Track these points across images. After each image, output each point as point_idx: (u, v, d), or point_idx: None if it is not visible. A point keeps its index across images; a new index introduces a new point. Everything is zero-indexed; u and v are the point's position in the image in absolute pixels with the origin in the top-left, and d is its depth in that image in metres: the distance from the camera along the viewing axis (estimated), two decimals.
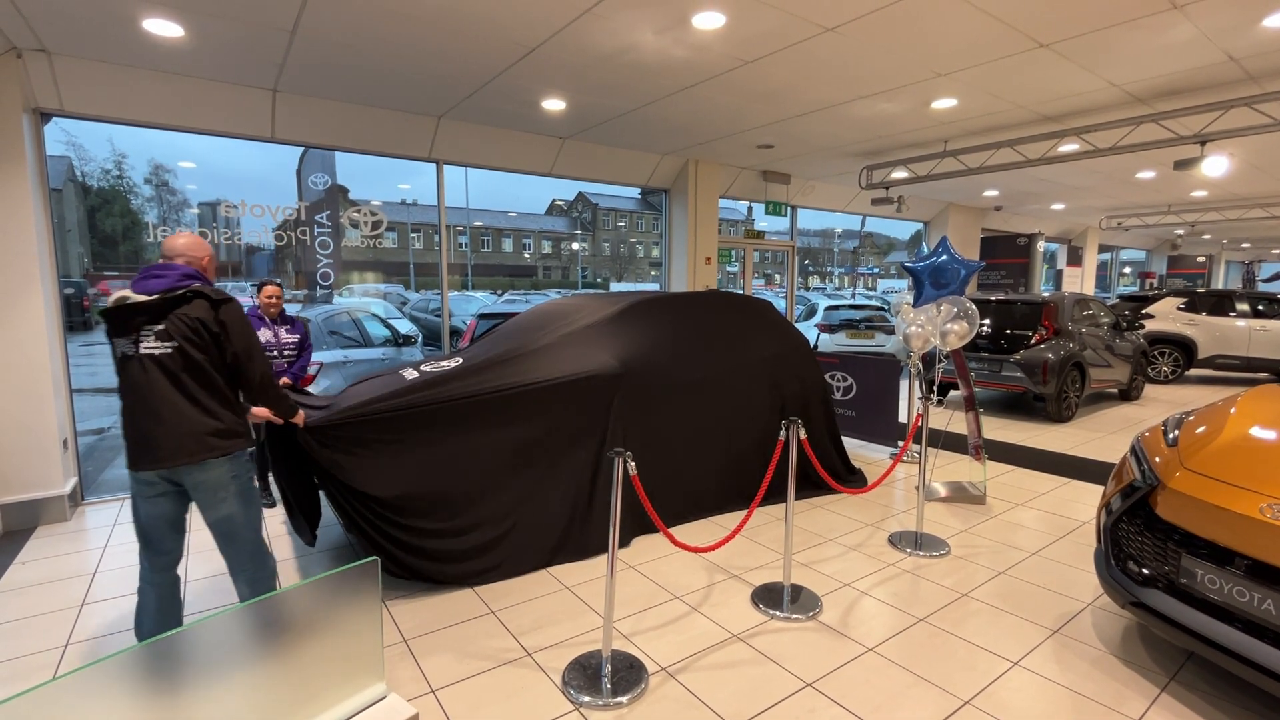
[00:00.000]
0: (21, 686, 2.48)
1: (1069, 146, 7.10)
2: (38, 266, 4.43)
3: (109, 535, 4.04)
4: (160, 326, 2.26)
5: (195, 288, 2.32)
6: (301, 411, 2.79)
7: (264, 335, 4.45)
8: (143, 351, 2.26)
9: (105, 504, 4.69)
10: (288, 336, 4.53)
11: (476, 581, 3.27)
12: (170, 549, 2.45)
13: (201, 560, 3.61)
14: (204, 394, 2.33)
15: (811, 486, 4.68)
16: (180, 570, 2.53)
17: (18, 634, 2.89)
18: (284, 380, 4.29)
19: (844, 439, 6.10)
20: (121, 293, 2.28)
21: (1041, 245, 13.99)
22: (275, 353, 4.45)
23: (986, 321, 7.38)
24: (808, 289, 37.92)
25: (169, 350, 2.27)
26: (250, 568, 2.50)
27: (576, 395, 3.61)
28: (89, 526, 4.21)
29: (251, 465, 2.54)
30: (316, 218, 6.69)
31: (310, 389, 5.07)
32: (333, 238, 6.75)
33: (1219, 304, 9.97)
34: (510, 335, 4.31)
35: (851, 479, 4.81)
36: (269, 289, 4.51)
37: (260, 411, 2.60)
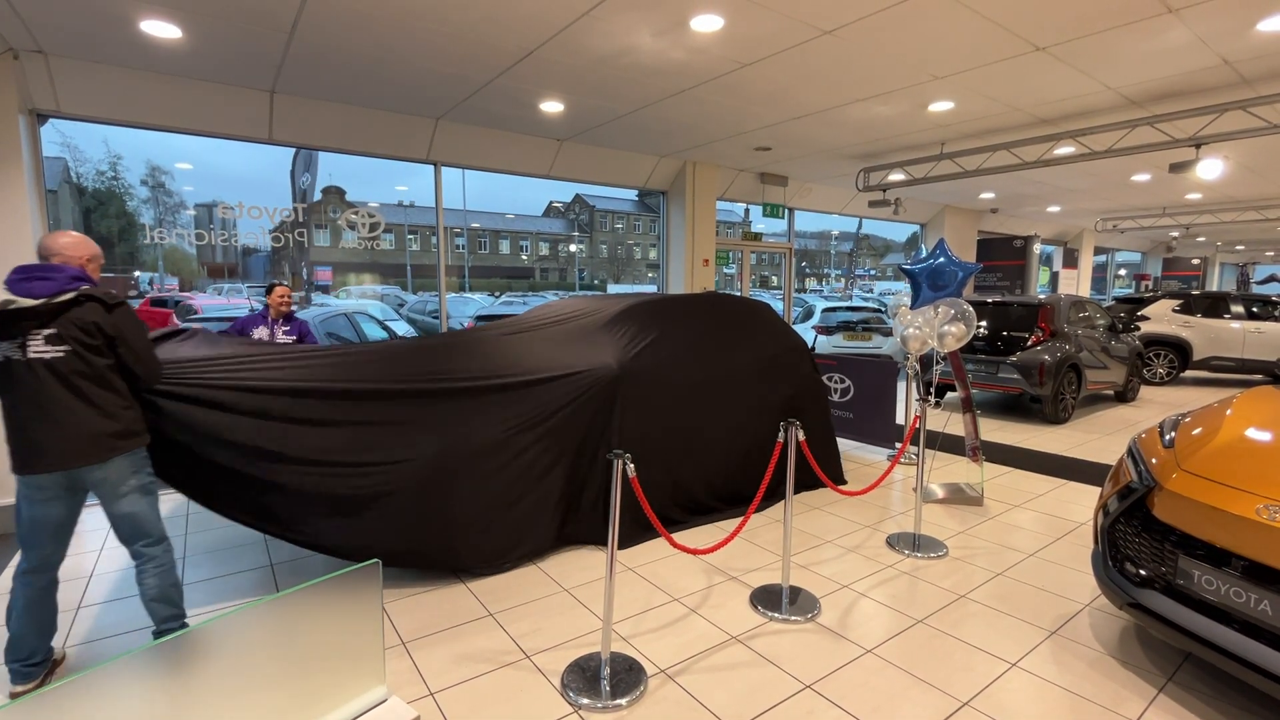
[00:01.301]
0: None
1: (1065, 149, 7.13)
2: None
3: (104, 539, 4.02)
4: (51, 330, 2.24)
5: (85, 290, 2.31)
6: None
7: (260, 333, 4.53)
8: (31, 356, 2.23)
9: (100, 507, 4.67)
10: (284, 337, 4.61)
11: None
12: (50, 552, 2.44)
13: (198, 564, 3.60)
14: (100, 395, 2.33)
15: (807, 485, 4.70)
16: (60, 574, 2.52)
17: None
18: None
19: (841, 440, 6.12)
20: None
21: (1038, 247, 14.05)
22: None
23: (983, 323, 7.40)
24: (805, 291, 37.98)
25: (61, 354, 2.25)
26: (158, 556, 2.54)
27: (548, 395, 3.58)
28: (84, 530, 4.19)
29: (149, 464, 2.57)
30: (305, 218, 6.67)
31: None
32: (310, 235, 6.73)
33: (1214, 306, 10.01)
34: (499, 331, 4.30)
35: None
36: (280, 289, 4.67)
37: None
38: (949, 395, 8.15)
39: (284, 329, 4.65)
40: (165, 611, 2.56)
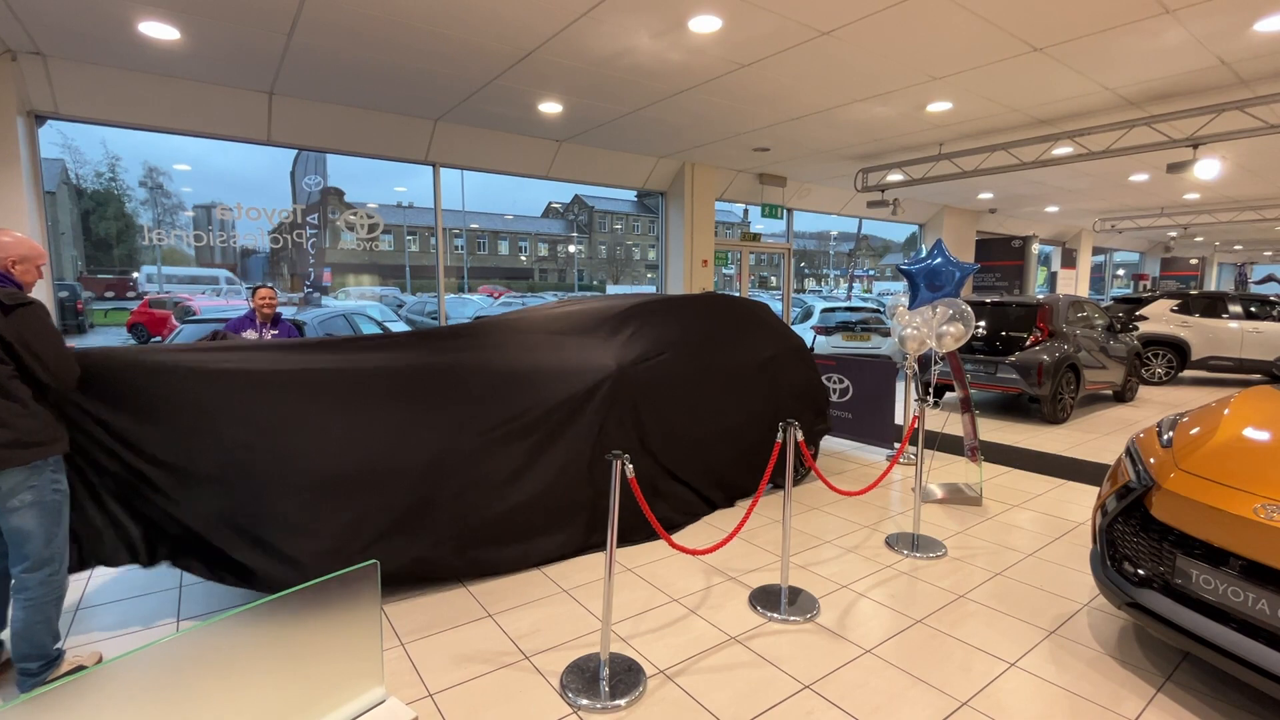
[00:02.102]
0: (19, 694, 2.47)
1: (1063, 149, 7.15)
2: None
3: None
4: None
5: None
6: None
7: (250, 336, 4.46)
8: None
9: None
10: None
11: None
12: None
13: None
14: None
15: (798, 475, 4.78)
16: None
17: None
18: None
19: (840, 440, 6.12)
20: None
21: (1036, 247, 14.07)
22: None
23: (982, 324, 7.41)
24: (804, 291, 38.01)
25: None
26: (31, 588, 2.32)
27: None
28: None
29: (57, 477, 2.40)
30: (309, 219, 6.66)
31: None
32: (322, 239, 6.71)
33: (1212, 306, 10.03)
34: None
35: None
36: (263, 292, 4.56)
37: None
38: (947, 395, 8.16)
39: (272, 332, 4.55)
40: (25, 649, 2.36)
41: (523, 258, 41.13)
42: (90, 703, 1.22)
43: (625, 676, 2.49)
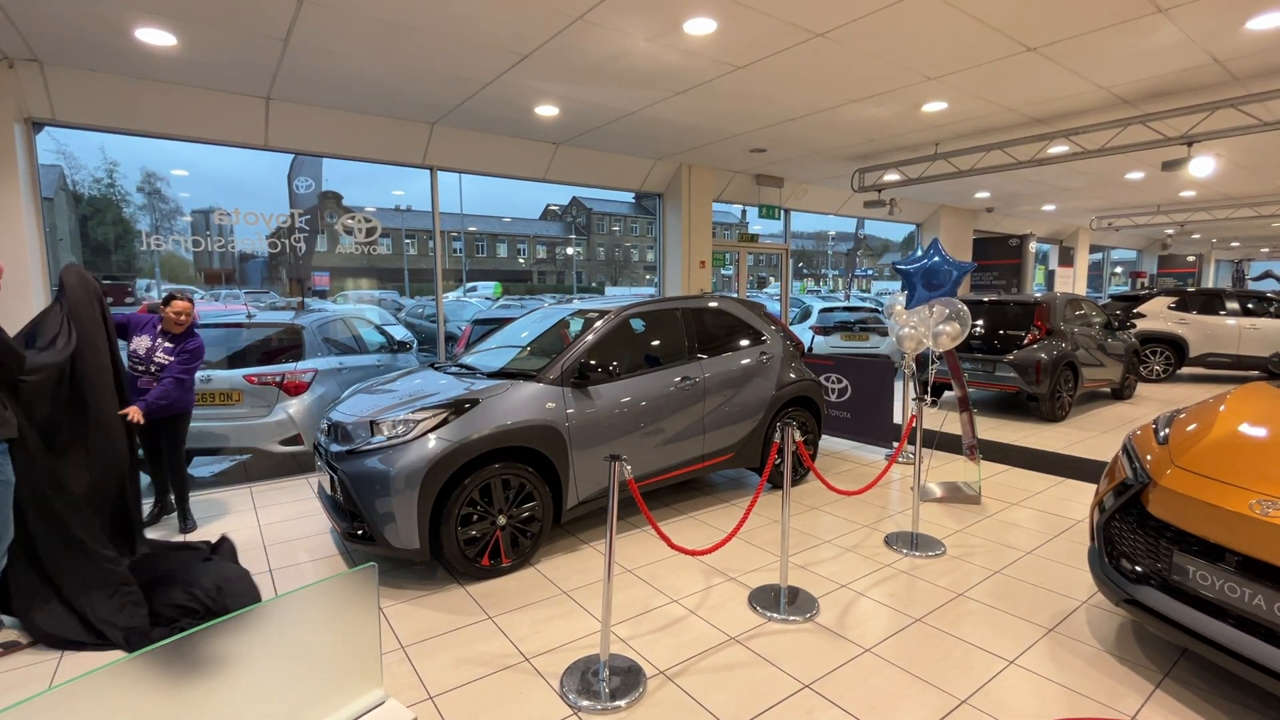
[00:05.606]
0: (19, 695, 2.47)
1: (1058, 148, 7.16)
2: (30, 276, 4.42)
3: None
4: None
5: None
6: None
7: (139, 342, 4.00)
8: None
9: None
10: (163, 356, 3.96)
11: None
12: None
13: None
14: None
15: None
16: None
17: None
18: (132, 412, 3.43)
19: (839, 440, 6.13)
20: None
21: (1033, 246, 14.08)
22: (143, 366, 3.95)
23: (979, 322, 7.42)
24: (803, 291, 38.01)
25: None
26: None
27: None
28: None
29: (1, 462, 2.50)
30: (300, 223, 6.62)
31: (303, 397, 5.02)
32: (308, 241, 6.60)
33: (1209, 303, 10.05)
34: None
35: None
36: (179, 304, 4.01)
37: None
38: (946, 394, 8.17)
39: (166, 345, 3.97)
40: None
41: (521, 260, 41.12)
42: (91, 703, 1.22)
43: (625, 677, 2.50)
